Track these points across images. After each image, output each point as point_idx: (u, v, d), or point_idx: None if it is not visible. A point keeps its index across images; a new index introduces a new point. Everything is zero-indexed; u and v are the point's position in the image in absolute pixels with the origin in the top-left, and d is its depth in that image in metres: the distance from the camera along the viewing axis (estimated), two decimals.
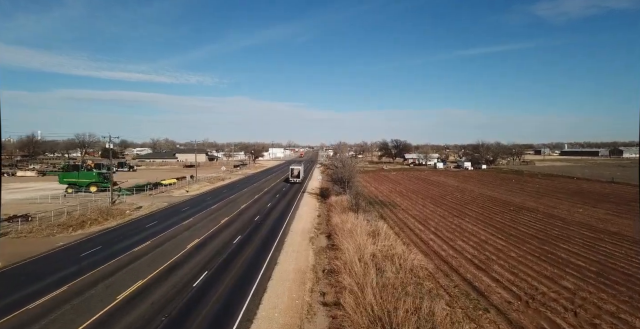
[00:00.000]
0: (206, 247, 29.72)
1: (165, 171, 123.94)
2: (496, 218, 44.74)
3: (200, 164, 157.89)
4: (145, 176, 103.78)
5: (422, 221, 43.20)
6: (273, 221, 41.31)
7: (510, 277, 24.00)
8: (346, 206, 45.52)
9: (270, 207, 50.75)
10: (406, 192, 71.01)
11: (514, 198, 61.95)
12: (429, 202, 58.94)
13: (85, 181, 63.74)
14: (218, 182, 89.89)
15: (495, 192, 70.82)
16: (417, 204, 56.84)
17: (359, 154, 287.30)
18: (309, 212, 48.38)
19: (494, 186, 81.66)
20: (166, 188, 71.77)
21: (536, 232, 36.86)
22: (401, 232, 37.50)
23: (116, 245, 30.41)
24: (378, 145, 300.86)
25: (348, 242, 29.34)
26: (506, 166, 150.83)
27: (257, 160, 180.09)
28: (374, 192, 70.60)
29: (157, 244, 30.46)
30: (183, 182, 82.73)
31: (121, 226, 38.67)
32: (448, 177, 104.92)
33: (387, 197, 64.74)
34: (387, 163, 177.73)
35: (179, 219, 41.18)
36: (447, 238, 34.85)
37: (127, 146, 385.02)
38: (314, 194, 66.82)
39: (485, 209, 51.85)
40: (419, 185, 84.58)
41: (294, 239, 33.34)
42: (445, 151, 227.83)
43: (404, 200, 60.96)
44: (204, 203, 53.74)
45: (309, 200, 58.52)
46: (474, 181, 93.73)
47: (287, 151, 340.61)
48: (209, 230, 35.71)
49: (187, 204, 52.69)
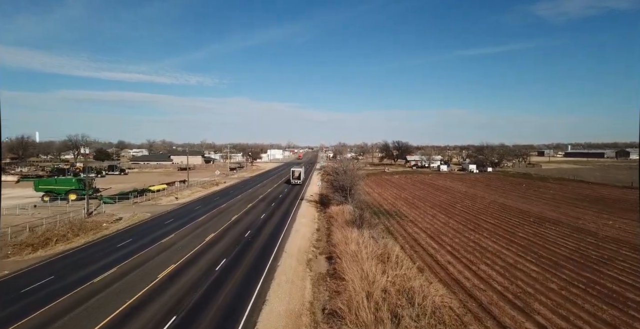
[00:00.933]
0: (181, 277, 24.63)
1: (158, 175, 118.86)
2: (518, 233, 39.69)
3: (195, 166, 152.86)
4: (136, 179, 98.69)
5: (435, 237, 38.14)
6: (266, 237, 36.25)
7: (561, 323, 18.95)
8: (348, 218, 40.51)
9: (264, 219, 45.70)
10: (412, 200, 65.95)
11: (530, 207, 56.91)
12: (438, 211, 53.91)
13: (64, 188, 58.47)
14: (212, 187, 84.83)
15: (508, 199, 65.77)
16: (426, 214, 51.79)
17: (360, 156, 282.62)
18: (307, 224, 43.34)
19: (505, 191, 76.61)
20: (155, 195, 66.66)
21: (570, 253, 31.82)
22: (413, 252, 32.45)
23: (74, 274, 25.32)
24: (379, 146, 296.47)
25: (353, 270, 24.33)
26: (512, 168, 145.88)
27: (255, 162, 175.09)
28: (377, 200, 65.56)
29: (123, 273, 25.37)
30: (175, 187, 77.66)
31: (90, 244, 33.57)
32: (454, 181, 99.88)
33: (393, 205, 59.68)
34: (388, 165, 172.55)
35: (159, 236, 36.10)
36: (467, 261, 29.81)
37: (124, 147, 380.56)
38: (313, 201, 61.77)
39: (502, 220, 46.80)
40: (425, 191, 79.54)
41: (288, 263, 28.28)
42: (447, 151, 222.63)
43: (411, 209, 55.91)
44: (191, 214, 48.68)
45: (307, 209, 53.47)
46: (482, 185, 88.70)
47: (286, 152, 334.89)
48: (190, 251, 30.64)
49: (173, 215, 47.60)
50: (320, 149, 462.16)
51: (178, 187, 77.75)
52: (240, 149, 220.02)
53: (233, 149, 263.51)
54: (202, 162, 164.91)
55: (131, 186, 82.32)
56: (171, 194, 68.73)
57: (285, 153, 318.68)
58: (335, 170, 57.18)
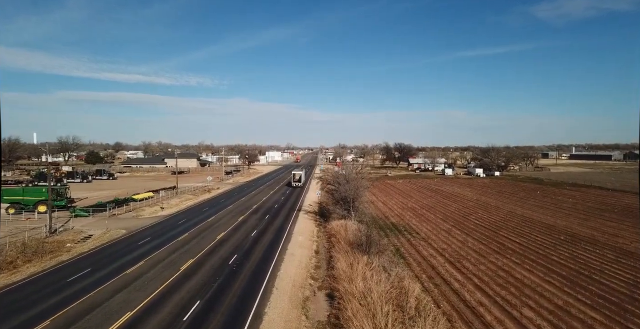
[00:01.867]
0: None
1: (149, 179, 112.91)
2: (552, 256, 33.76)
3: (190, 170, 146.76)
4: (124, 185, 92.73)
5: (455, 262, 32.18)
6: (254, 265, 30.29)
7: None
8: (352, 239, 34.60)
9: (255, 237, 39.73)
10: (421, 210, 60.00)
11: (554, 219, 51.00)
12: (452, 225, 47.98)
13: (32, 199, 52.39)
14: (203, 194, 78.86)
15: (526, 209, 59.83)
16: (440, 229, 45.82)
17: (360, 157, 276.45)
18: (304, 245, 37.40)
19: (520, 200, 70.66)
20: (138, 205, 60.65)
21: (630, 289, 25.87)
22: (433, 287, 26.48)
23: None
24: (379, 148, 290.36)
25: (361, 323, 18.52)
26: (519, 172, 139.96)
27: (252, 165, 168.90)
28: (383, 210, 59.60)
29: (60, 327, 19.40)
30: (162, 195, 71.67)
31: (37, 276, 27.54)
32: (462, 187, 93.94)
33: (400, 217, 53.75)
34: (390, 168, 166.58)
35: (126, 263, 30.12)
36: (504, 301, 23.85)
37: (122, 149, 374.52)
38: (311, 212, 55.83)
39: (528, 238, 40.87)
40: (433, 199, 73.59)
41: (279, 306, 22.33)
42: (449, 153, 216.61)
43: (421, 222, 49.97)
44: (172, 230, 42.71)
45: (304, 224, 47.50)
46: (492, 192, 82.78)
47: (285, 154, 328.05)
48: (157, 288, 24.65)
49: (151, 233, 41.60)
50: (319, 151, 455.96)
51: (166, 196, 71.75)
52: (238, 151, 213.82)
53: (231, 151, 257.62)
54: (198, 165, 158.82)
55: (116, 193, 76.41)
56: (157, 204, 62.71)
57: (284, 155, 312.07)
58: (336, 179, 51.18)
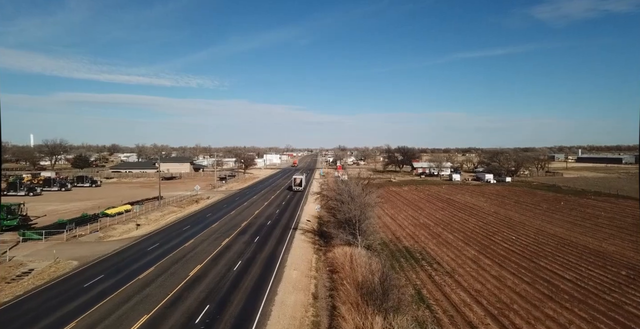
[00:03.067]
0: None
1: (136, 186, 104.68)
2: (625, 305, 25.65)
3: (182, 176, 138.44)
4: (106, 194, 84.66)
5: (499, 316, 24.01)
6: (229, 324, 22.16)
7: None
8: (361, 280, 26.53)
9: (239, 272, 31.64)
10: (435, 227, 51.92)
11: (597, 242, 42.94)
12: (477, 250, 39.91)
13: None
14: (189, 206, 70.73)
15: (557, 226, 51.80)
16: (465, 257, 37.70)
17: (361, 160, 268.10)
18: (299, 284, 29.28)
19: (544, 213, 62.58)
20: (109, 222, 52.53)
21: None
22: None
23: None
24: (381, 150, 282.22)
25: None
26: (531, 177, 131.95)
27: (249, 168, 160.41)
28: (392, 228, 51.52)
29: None
30: (143, 209, 63.51)
31: None
32: (474, 195, 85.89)
33: (414, 238, 45.67)
34: (393, 172, 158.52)
35: (54, 324, 21.99)
36: None
37: (117, 151, 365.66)
38: (309, 232, 47.76)
39: (578, 272, 32.75)
40: (446, 212, 65.51)
41: None
42: (454, 156, 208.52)
43: (440, 246, 41.86)
44: (137, 261, 34.59)
45: (301, 250, 39.33)
46: (510, 203, 74.72)
47: (284, 156, 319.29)
48: None
49: (108, 266, 33.41)
50: (319, 153, 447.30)
51: (147, 209, 63.50)
52: (236, 154, 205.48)
53: (229, 154, 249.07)
54: (191, 170, 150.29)
55: (92, 204, 68.38)
56: (133, 220, 54.46)
57: (283, 157, 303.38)
58: (338, 195, 42.99)
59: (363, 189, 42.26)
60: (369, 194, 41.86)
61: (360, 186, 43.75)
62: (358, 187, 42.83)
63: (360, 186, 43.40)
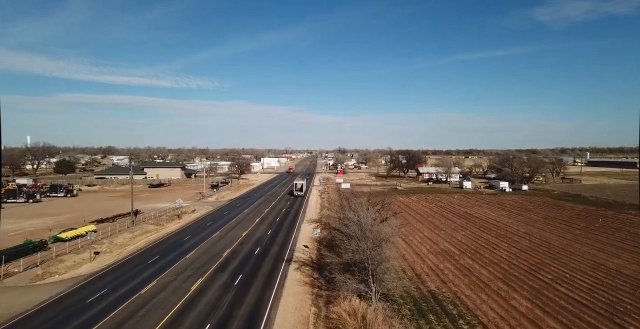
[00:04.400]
0: None
1: (116, 196, 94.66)
2: None
3: (171, 182, 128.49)
4: (80, 207, 75.01)
5: None
6: None
7: None
8: None
9: None
10: (462, 258, 42.10)
11: None
12: (529, 300, 30.12)
13: None
14: (170, 222, 61.02)
15: (614, 256, 42.03)
16: (516, 312, 27.76)
17: (362, 164, 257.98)
18: None
19: (585, 234, 52.77)
20: (63, 248, 42.80)
21: None
22: None
23: None
24: (383, 153, 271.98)
25: None
26: (547, 184, 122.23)
27: (244, 173, 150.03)
28: (408, 258, 41.67)
29: None
30: (111, 228, 53.77)
31: None
32: (492, 208, 76.19)
33: (439, 275, 35.87)
34: (397, 177, 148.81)
35: None
36: None
37: (111, 153, 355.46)
38: (307, 266, 37.97)
39: None
40: (467, 231, 55.79)
41: None
42: (461, 160, 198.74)
43: (476, 290, 32.04)
44: (67, 322, 24.83)
45: (294, 301, 29.40)
46: (539, 219, 64.95)
47: (282, 159, 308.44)
48: None
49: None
50: (319, 154, 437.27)
51: (116, 228, 53.71)
52: (232, 157, 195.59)
53: (226, 156, 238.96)
54: (182, 175, 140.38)
55: (53, 222, 58.70)
56: (92, 246, 44.62)
57: (281, 160, 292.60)
58: (343, 226, 33.03)
59: (376, 215, 32.47)
60: (386, 220, 32.13)
61: (371, 210, 33.86)
62: (369, 212, 32.92)
63: (372, 211, 33.54)
